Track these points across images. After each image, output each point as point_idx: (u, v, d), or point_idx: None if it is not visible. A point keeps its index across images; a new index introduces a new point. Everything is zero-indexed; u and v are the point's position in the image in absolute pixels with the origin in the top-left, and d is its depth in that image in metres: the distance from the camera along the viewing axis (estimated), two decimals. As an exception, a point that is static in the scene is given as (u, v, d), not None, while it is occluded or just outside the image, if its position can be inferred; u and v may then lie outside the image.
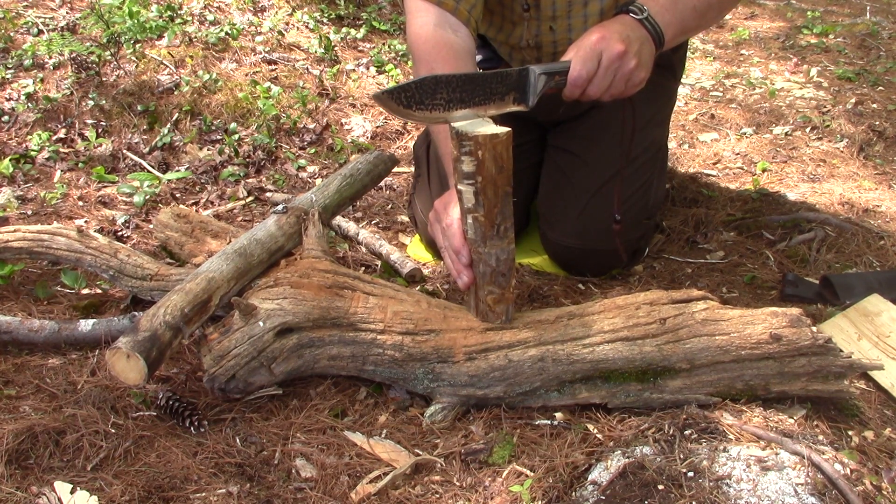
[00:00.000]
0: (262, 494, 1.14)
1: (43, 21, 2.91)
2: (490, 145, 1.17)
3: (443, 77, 1.22)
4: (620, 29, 1.34)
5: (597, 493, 1.08)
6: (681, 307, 1.28)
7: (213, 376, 1.29)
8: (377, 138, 2.62)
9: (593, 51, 1.31)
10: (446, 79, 1.22)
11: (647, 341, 1.24)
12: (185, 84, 2.63)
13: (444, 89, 1.22)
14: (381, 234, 2.01)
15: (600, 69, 1.32)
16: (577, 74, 1.31)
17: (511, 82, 1.28)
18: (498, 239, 1.25)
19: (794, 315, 1.23)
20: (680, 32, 1.45)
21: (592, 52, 1.31)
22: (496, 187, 1.21)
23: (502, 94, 1.27)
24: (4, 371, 1.39)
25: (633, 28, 1.36)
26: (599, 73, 1.32)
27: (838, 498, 1.03)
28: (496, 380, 1.28)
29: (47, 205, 2.09)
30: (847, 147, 2.54)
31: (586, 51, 1.31)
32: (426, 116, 1.23)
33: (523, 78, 1.28)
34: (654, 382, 1.25)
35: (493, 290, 1.29)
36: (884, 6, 4.47)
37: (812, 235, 1.92)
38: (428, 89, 1.21)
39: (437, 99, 1.22)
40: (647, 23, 1.37)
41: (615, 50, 1.31)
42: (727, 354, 1.22)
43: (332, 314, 1.33)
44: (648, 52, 1.36)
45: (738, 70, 3.46)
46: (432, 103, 1.22)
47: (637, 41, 1.34)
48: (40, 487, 1.11)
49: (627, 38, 1.33)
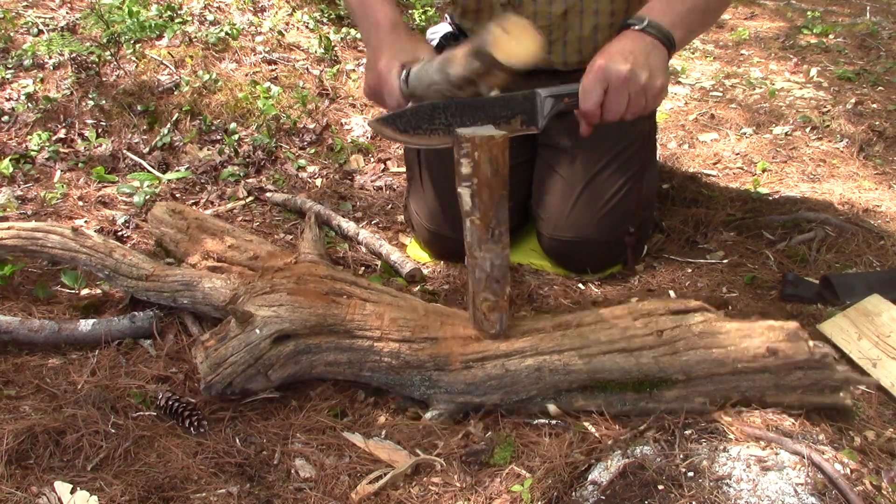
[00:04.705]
0: (262, 494, 1.14)
1: (43, 21, 2.91)
2: (486, 147, 1.17)
3: (440, 104, 1.21)
4: (622, 47, 1.32)
5: (597, 493, 1.08)
6: (678, 319, 1.28)
7: (210, 384, 1.29)
8: (377, 138, 2.62)
9: (597, 78, 1.28)
10: (444, 105, 1.21)
11: (644, 353, 1.24)
12: (185, 84, 2.63)
13: (441, 115, 1.22)
14: (381, 234, 2.01)
15: (610, 93, 1.29)
16: (586, 108, 1.30)
17: (516, 106, 1.26)
18: (493, 243, 1.25)
19: (792, 329, 1.23)
20: (687, 31, 1.44)
21: (596, 80, 1.28)
22: (492, 190, 1.21)
23: (507, 118, 1.26)
24: (4, 371, 1.39)
25: (636, 40, 1.34)
26: (610, 97, 1.29)
27: (838, 498, 1.03)
28: (493, 388, 1.28)
29: (47, 205, 2.09)
30: (847, 147, 2.54)
31: (590, 80, 1.29)
32: (427, 141, 1.22)
33: (529, 101, 1.27)
34: (650, 393, 1.25)
35: (488, 298, 1.29)
36: (884, 6, 4.47)
37: (812, 235, 1.92)
38: (425, 115, 1.21)
39: (436, 124, 1.22)
40: (650, 29, 1.35)
41: (621, 71, 1.27)
42: (723, 367, 1.22)
43: (329, 321, 1.33)
44: (659, 58, 1.34)
45: (738, 70, 3.46)
46: (431, 128, 1.22)
47: (643, 53, 1.32)
48: (40, 487, 1.11)
49: (632, 54, 1.30)
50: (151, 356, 1.48)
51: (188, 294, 1.51)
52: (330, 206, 2.14)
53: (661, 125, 2.73)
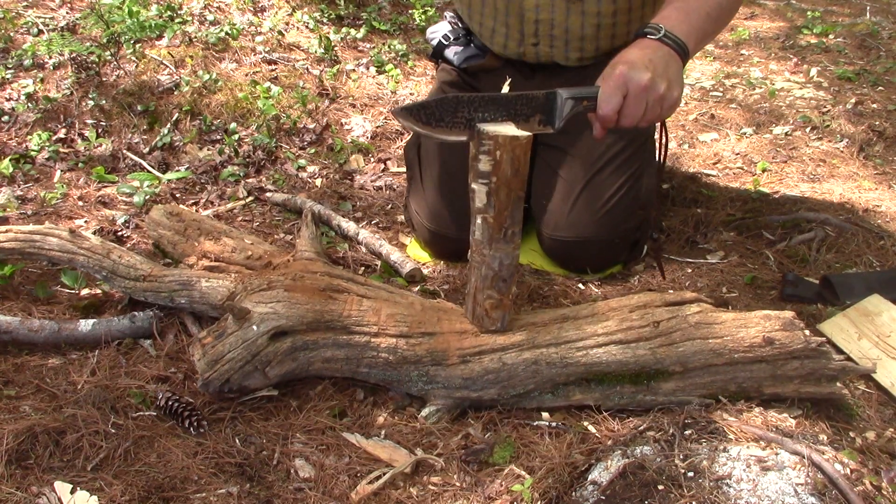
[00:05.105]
0: (262, 494, 1.14)
1: (43, 21, 2.91)
2: (509, 147, 1.18)
3: (464, 97, 1.22)
4: (642, 55, 1.32)
5: (597, 493, 1.08)
6: (674, 310, 1.28)
7: (207, 381, 1.29)
8: (377, 138, 2.62)
9: (617, 85, 1.29)
10: (468, 98, 1.22)
11: (640, 344, 1.25)
12: (185, 84, 2.63)
13: (465, 108, 1.22)
14: (381, 234, 2.01)
15: (629, 100, 1.30)
16: (604, 113, 1.30)
17: (537, 105, 1.27)
18: (504, 243, 1.25)
19: (787, 318, 1.24)
20: (700, 40, 1.45)
21: (617, 86, 1.29)
22: (509, 190, 1.21)
23: (527, 115, 1.27)
24: (4, 371, 1.39)
25: (655, 49, 1.34)
26: (629, 103, 1.30)
27: (838, 498, 1.03)
28: (490, 382, 1.28)
29: (47, 205, 2.09)
30: (847, 147, 2.54)
31: (610, 86, 1.29)
32: (446, 135, 1.22)
33: (550, 101, 1.28)
34: (647, 385, 1.25)
35: (492, 295, 1.29)
36: (884, 6, 4.47)
37: (812, 235, 1.92)
38: (449, 108, 1.21)
39: (459, 118, 1.22)
40: (668, 39, 1.36)
41: (642, 80, 1.28)
42: (720, 357, 1.22)
43: (326, 317, 1.33)
44: (676, 68, 1.35)
45: (738, 70, 3.46)
46: (453, 121, 1.22)
47: (662, 62, 1.32)
48: (40, 487, 1.11)
49: (651, 63, 1.31)
50: (151, 356, 1.47)
51: (185, 294, 1.51)
52: (330, 206, 2.14)
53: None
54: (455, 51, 1.98)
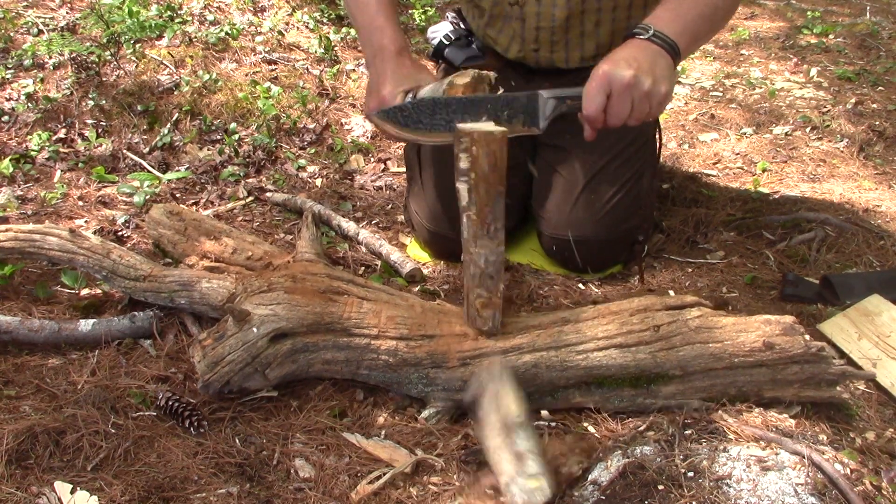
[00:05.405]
0: (262, 494, 1.14)
1: (43, 21, 2.90)
2: (484, 142, 1.18)
3: (441, 100, 1.22)
4: (626, 54, 1.32)
5: (597, 493, 1.08)
6: (674, 314, 1.28)
7: (207, 382, 1.29)
8: (377, 138, 2.62)
9: (600, 84, 1.29)
10: (445, 101, 1.22)
11: (640, 348, 1.25)
12: (185, 84, 2.63)
13: (443, 111, 1.22)
14: (381, 234, 2.01)
15: (613, 98, 1.30)
16: (589, 112, 1.30)
17: (518, 106, 1.27)
18: (488, 239, 1.25)
19: (788, 323, 1.23)
20: (693, 40, 1.45)
21: (600, 85, 1.29)
22: (488, 185, 1.21)
23: (509, 117, 1.27)
24: (4, 371, 1.39)
25: (641, 48, 1.35)
26: (613, 102, 1.30)
27: (838, 498, 1.03)
28: (490, 385, 1.28)
29: (47, 205, 2.09)
30: (847, 147, 2.54)
31: (593, 85, 1.29)
32: (427, 137, 1.22)
33: (532, 102, 1.28)
34: (647, 388, 1.25)
35: (482, 294, 1.29)
36: (884, 6, 4.47)
37: (812, 235, 1.92)
38: (426, 110, 1.21)
39: (437, 119, 1.22)
40: (656, 38, 1.36)
41: (624, 77, 1.28)
42: (720, 362, 1.22)
43: (326, 319, 1.33)
44: (664, 65, 1.34)
45: (738, 70, 3.46)
46: (431, 123, 1.22)
47: (647, 60, 1.32)
48: (40, 487, 1.11)
49: (636, 60, 1.31)
50: (151, 356, 1.47)
51: (186, 294, 1.51)
52: (330, 206, 2.14)
53: (661, 125, 2.72)
54: (455, 51, 1.99)
